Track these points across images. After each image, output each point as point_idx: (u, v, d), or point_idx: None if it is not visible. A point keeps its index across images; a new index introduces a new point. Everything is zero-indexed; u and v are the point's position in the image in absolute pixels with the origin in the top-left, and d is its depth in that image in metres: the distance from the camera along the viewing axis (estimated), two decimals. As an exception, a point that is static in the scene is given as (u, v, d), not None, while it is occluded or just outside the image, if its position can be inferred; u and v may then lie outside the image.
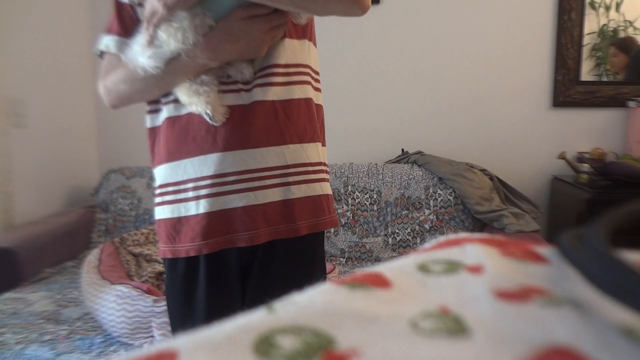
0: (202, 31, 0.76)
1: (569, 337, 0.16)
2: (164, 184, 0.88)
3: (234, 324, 0.17)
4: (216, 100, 0.80)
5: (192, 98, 0.79)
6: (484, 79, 2.35)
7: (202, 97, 0.78)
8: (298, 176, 0.85)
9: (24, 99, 2.15)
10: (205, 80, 0.79)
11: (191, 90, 0.79)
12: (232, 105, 0.82)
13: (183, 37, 0.74)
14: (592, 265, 0.19)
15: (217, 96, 0.80)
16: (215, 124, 0.80)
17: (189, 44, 0.75)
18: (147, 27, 0.76)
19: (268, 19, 0.78)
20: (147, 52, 0.77)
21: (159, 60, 0.77)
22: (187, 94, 0.80)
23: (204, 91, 0.78)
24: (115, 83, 0.86)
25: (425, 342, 0.16)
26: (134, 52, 0.80)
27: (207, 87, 0.79)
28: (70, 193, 2.49)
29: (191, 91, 0.79)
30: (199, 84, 0.79)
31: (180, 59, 0.78)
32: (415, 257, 0.24)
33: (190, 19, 0.74)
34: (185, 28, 0.74)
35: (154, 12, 0.75)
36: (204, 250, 0.84)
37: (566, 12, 2.25)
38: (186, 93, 0.80)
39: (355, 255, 2.14)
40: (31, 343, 1.39)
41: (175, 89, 0.82)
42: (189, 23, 0.74)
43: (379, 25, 2.38)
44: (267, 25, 0.78)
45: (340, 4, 0.78)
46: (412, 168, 2.19)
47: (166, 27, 0.75)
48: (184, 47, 0.76)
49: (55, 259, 2.06)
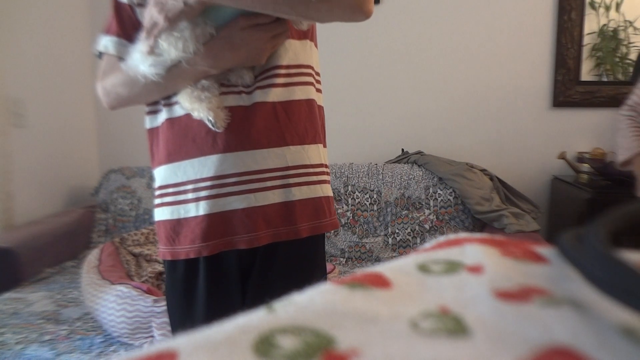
0: (203, 40, 0.76)
1: (569, 337, 0.16)
2: (163, 185, 0.87)
3: (234, 324, 0.17)
4: (218, 105, 0.80)
5: (194, 104, 0.79)
6: (484, 79, 2.35)
7: (204, 104, 0.78)
8: (299, 178, 0.85)
9: (24, 99, 2.15)
10: (206, 85, 0.79)
11: (193, 97, 0.79)
12: (233, 106, 0.82)
13: (184, 46, 0.74)
14: (592, 265, 0.19)
15: (218, 102, 0.80)
16: (217, 130, 0.80)
17: (190, 52, 0.75)
18: (148, 38, 0.76)
19: (269, 27, 0.78)
20: (148, 60, 0.77)
21: (160, 68, 0.78)
22: (189, 100, 0.80)
23: (205, 97, 0.78)
24: (114, 85, 0.85)
25: (425, 342, 0.16)
26: (134, 60, 0.80)
27: (209, 92, 0.79)
28: (70, 193, 2.49)
29: (193, 97, 0.79)
30: (200, 89, 0.79)
31: (180, 66, 0.78)
32: (415, 257, 0.24)
33: (192, 28, 0.74)
34: (187, 37, 0.74)
35: (154, 24, 0.74)
36: (204, 253, 0.83)
37: (566, 12, 2.25)
38: (188, 99, 0.80)
39: (355, 255, 2.14)
40: (31, 343, 1.39)
41: (177, 96, 0.82)
42: (190, 33, 0.74)
43: (379, 25, 2.38)
44: (269, 34, 0.79)
45: (344, 12, 0.77)
46: (412, 168, 2.19)
47: (167, 37, 0.75)
48: (185, 55, 0.76)
49: (55, 259, 2.06)
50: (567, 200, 2.07)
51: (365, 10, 0.78)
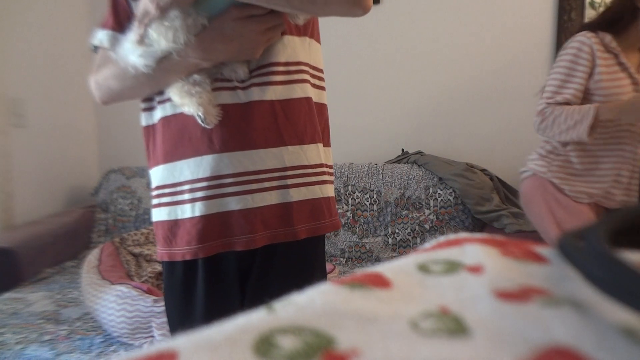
0: (195, 31, 0.74)
1: (569, 337, 0.16)
2: (160, 185, 0.86)
3: (234, 324, 0.17)
4: (209, 101, 0.78)
5: (184, 99, 0.77)
6: (484, 78, 2.35)
7: (195, 98, 0.76)
8: (296, 179, 0.83)
9: (24, 99, 2.15)
10: (198, 79, 0.77)
11: (183, 91, 0.77)
12: (228, 104, 0.80)
13: (174, 37, 0.72)
14: (592, 265, 0.19)
15: (209, 97, 0.78)
16: (207, 127, 0.78)
17: (180, 43, 0.73)
18: (139, 26, 0.74)
19: (264, 19, 0.76)
20: (138, 50, 0.75)
21: (150, 58, 0.76)
22: (179, 94, 0.78)
23: (196, 92, 0.76)
24: (106, 78, 0.84)
25: (425, 342, 0.16)
26: (124, 50, 0.78)
27: (200, 87, 0.77)
28: (70, 193, 2.49)
29: (183, 91, 0.77)
30: (192, 84, 0.77)
31: (171, 58, 0.76)
32: (415, 257, 0.24)
33: (183, 18, 0.72)
34: (177, 27, 0.72)
35: (145, 12, 0.73)
36: (200, 254, 0.82)
37: (566, 12, 2.25)
38: (178, 93, 0.78)
39: (355, 255, 2.14)
40: (31, 343, 1.39)
41: (168, 89, 0.81)
42: (181, 22, 0.72)
43: (379, 25, 2.38)
44: (263, 26, 0.76)
45: (341, 6, 0.75)
46: (412, 168, 2.19)
47: (157, 26, 0.73)
48: (175, 46, 0.74)
49: (55, 259, 2.06)
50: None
51: (363, 5, 0.76)
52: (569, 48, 1.46)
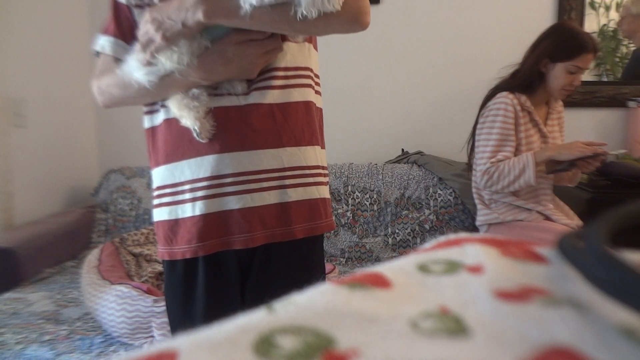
0: (198, 52, 0.78)
1: (569, 337, 0.16)
2: (161, 185, 0.88)
3: (234, 324, 0.17)
4: (205, 116, 0.82)
5: (182, 111, 0.81)
6: (484, 79, 2.35)
7: (192, 113, 0.80)
8: (295, 179, 0.85)
9: (24, 99, 2.15)
10: (197, 94, 0.81)
11: (182, 104, 0.81)
12: (229, 106, 0.82)
13: (179, 59, 0.77)
14: (592, 265, 0.19)
15: (206, 113, 0.82)
16: (201, 141, 0.81)
17: (184, 64, 0.78)
18: (144, 52, 0.78)
19: (263, 43, 0.80)
20: (143, 69, 0.80)
21: (153, 76, 0.80)
22: (178, 107, 0.82)
23: (194, 106, 0.80)
24: (109, 85, 0.87)
25: (425, 342, 0.16)
26: (129, 67, 0.82)
27: (198, 102, 0.81)
28: (70, 193, 2.49)
29: (182, 104, 0.81)
30: (191, 98, 0.81)
31: (173, 76, 0.80)
32: (415, 257, 0.24)
33: (189, 44, 0.77)
34: (183, 52, 0.77)
35: (150, 40, 0.76)
36: (200, 252, 0.84)
37: (566, 12, 2.25)
38: (177, 106, 0.82)
39: (355, 255, 2.14)
40: (31, 343, 1.39)
41: (168, 101, 0.84)
42: (186, 48, 0.77)
43: (379, 25, 2.37)
44: (262, 49, 0.80)
45: (341, 26, 0.79)
46: (412, 168, 2.19)
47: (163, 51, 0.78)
48: (179, 67, 0.78)
49: (55, 259, 2.06)
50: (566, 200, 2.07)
51: (362, 22, 0.80)
52: (495, 109, 1.69)
